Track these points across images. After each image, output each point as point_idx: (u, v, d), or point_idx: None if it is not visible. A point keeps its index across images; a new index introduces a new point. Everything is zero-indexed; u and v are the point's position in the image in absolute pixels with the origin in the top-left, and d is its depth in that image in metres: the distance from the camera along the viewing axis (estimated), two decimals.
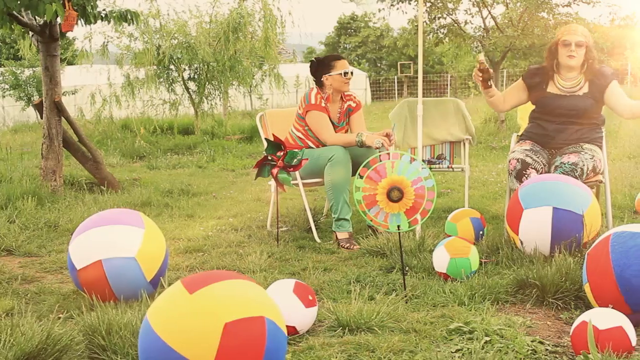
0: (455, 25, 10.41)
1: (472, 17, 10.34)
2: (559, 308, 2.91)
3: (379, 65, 45.30)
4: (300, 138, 4.34)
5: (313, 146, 4.32)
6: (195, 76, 11.34)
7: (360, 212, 2.93)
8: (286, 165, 3.91)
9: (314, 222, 4.34)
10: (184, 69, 11.29)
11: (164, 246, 3.17)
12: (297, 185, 4.23)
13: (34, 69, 16.62)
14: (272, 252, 3.91)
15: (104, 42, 10.77)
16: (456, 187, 6.08)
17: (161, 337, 1.96)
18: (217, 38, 10.66)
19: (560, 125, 3.97)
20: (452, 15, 10.06)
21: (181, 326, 1.96)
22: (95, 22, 6.82)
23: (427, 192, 2.90)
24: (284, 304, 2.62)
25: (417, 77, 29.26)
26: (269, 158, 3.94)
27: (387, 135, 4.10)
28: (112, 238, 2.99)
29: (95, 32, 10.94)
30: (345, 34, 46.50)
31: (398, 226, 2.91)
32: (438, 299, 2.98)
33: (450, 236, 3.91)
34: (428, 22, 10.44)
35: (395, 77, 30.38)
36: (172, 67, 11.07)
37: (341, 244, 4.04)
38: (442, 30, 10.46)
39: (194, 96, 11.36)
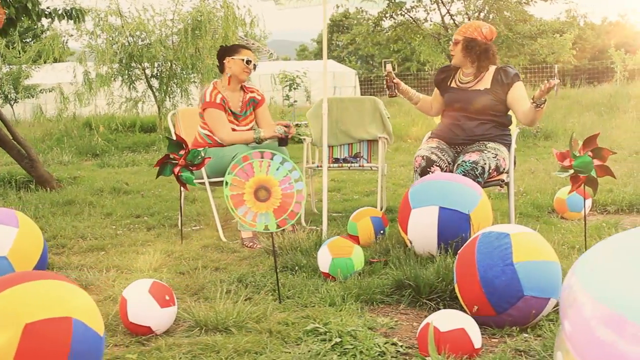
0: (413, 22, 10.36)
1: (428, 14, 10.30)
2: (432, 309, 2.89)
3: (370, 62, 45.31)
4: (208, 135, 4.30)
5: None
6: (158, 74, 11.29)
7: (230, 209, 2.90)
8: (188, 164, 3.88)
9: (226, 220, 4.30)
10: (147, 67, 11.24)
11: (40, 245, 3.14)
12: (202, 184, 4.20)
13: (10, 66, 16.66)
14: (173, 250, 3.87)
15: (63, 40, 10.72)
16: (389, 186, 6.04)
17: None
18: (178, 36, 10.61)
19: (460, 121, 3.94)
20: (410, 12, 10.01)
21: None
22: (40, 19, 6.80)
23: (296, 195, 2.87)
24: (138, 304, 2.59)
25: (408, 75, 28.91)
26: (171, 157, 3.91)
27: (287, 126, 4.08)
28: None
29: (59, 30, 10.90)
30: (337, 32, 46.39)
31: (266, 226, 2.88)
32: (311, 299, 2.95)
33: (351, 235, 3.89)
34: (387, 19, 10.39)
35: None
36: (133, 64, 11.02)
37: (244, 242, 4.01)
38: (400, 28, 10.40)
39: (157, 94, 11.31)
